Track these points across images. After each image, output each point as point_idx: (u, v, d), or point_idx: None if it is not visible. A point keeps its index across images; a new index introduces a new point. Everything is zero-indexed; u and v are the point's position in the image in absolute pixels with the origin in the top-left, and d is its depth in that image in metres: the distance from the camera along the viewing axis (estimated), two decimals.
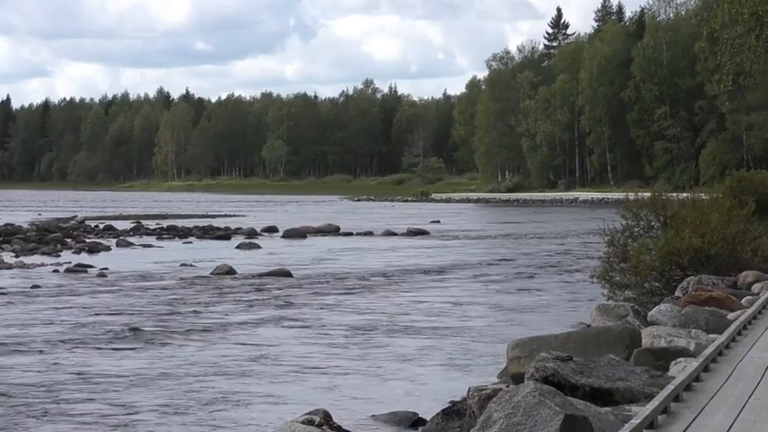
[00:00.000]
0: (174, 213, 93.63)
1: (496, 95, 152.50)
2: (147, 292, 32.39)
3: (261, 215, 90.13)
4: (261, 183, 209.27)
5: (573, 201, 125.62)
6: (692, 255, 23.04)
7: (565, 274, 38.67)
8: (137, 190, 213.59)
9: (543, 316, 27.09)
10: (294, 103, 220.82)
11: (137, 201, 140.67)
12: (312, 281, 36.15)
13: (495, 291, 33.65)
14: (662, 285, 23.31)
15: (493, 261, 44.84)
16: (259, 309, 28.63)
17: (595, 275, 24.27)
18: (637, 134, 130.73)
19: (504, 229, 70.38)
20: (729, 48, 30.91)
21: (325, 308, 28.89)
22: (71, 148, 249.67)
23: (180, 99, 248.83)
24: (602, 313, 17.87)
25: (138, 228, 68.20)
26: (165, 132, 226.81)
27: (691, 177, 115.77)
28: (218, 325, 25.43)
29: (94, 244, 52.75)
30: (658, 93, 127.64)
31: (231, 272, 38.35)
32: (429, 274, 38.82)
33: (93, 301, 30.33)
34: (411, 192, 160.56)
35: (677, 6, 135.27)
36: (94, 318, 26.61)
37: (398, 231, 65.37)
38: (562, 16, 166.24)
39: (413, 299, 31.21)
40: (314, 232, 65.02)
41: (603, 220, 25.94)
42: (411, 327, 25.34)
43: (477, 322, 26.11)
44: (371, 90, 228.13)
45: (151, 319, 26.26)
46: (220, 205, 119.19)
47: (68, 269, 39.93)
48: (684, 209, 25.00)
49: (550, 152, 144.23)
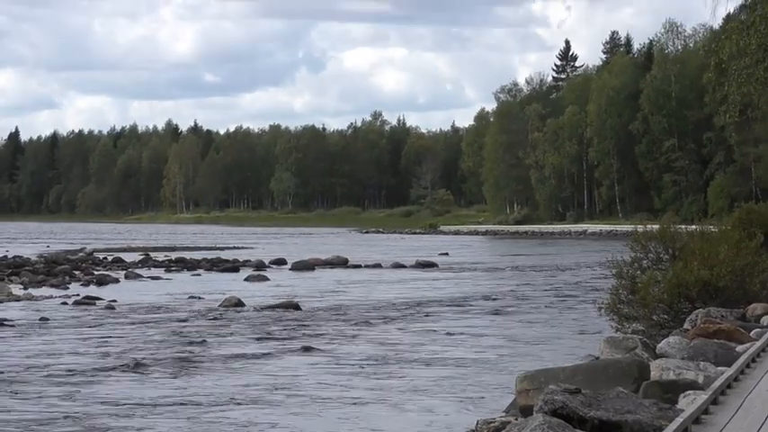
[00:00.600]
0: (182, 245, 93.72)
1: (505, 127, 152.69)
2: (156, 324, 32.43)
3: (269, 247, 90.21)
4: (269, 215, 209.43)
5: (581, 233, 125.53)
6: (700, 287, 23.04)
7: (573, 307, 38.64)
8: (145, 222, 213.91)
9: (552, 348, 27.09)
10: (302, 135, 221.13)
11: (145, 233, 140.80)
12: (321, 313, 36.17)
13: (504, 323, 33.65)
14: (670, 318, 23.30)
15: (501, 293, 44.82)
16: (268, 341, 28.66)
17: (604, 308, 24.26)
18: (645, 166, 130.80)
19: (513, 262, 70.34)
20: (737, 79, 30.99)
21: (334, 340, 28.90)
22: (79, 180, 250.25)
23: (188, 131, 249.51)
24: (610, 345, 17.87)
25: (147, 260, 68.27)
26: (174, 164, 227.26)
27: (699, 209, 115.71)
28: (228, 356, 25.47)
29: (103, 276, 52.84)
30: (667, 125, 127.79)
31: (240, 304, 38.37)
32: (438, 307, 38.82)
33: (102, 333, 30.38)
34: (419, 224, 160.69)
35: (685, 38, 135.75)
36: (103, 349, 26.66)
37: (407, 264, 65.33)
38: (570, 48, 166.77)
39: (422, 331, 31.22)
40: (322, 264, 65.02)
41: (612, 252, 25.97)
42: (421, 358, 25.37)
43: (486, 354, 26.13)
44: (380, 122, 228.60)
45: (161, 351, 26.30)
46: (229, 237, 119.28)
47: (77, 301, 39.98)
48: (693, 241, 25.01)
49: (559, 184, 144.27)
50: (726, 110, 36.51)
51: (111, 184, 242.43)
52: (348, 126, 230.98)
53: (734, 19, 32.36)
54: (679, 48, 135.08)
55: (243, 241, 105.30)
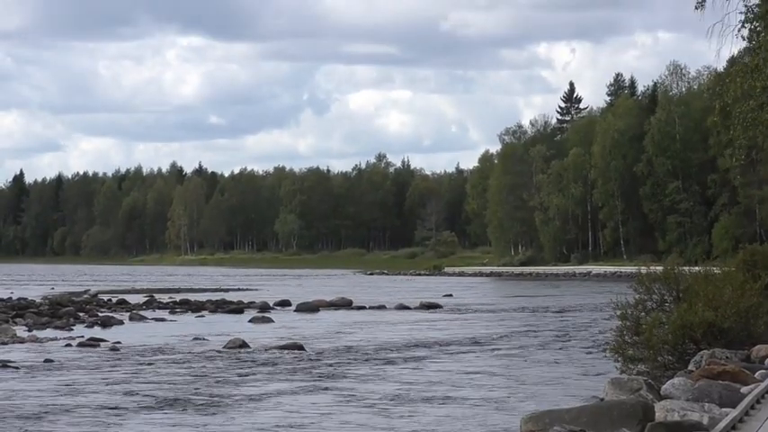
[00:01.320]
0: (186, 287, 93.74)
1: (509, 169, 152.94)
2: (161, 366, 32.43)
3: (273, 289, 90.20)
4: (273, 257, 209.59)
5: (586, 274, 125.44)
6: (705, 328, 23.08)
7: (578, 348, 38.62)
8: (149, 264, 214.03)
9: (556, 389, 27.07)
10: (307, 177, 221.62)
11: (149, 274, 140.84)
12: (326, 354, 36.16)
13: (509, 363, 33.64)
14: (675, 359, 23.33)
15: (506, 334, 44.80)
16: (273, 382, 28.66)
17: (608, 349, 24.30)
18: (650, 208, 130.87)
19: (518, 303, 70.28)
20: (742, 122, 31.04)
21: (339, 381, 28.91)
22: (84, 222, 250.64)
23: (193, 173, 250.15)
24: (615, 387, 17.90)
25: (151, 301, 68.25)
26: (178, 206, 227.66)
27: (703, 251, 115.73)
28: (233, 398, 25.47)
29: (107, 318, 52.85)
30: (671, 167, 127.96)
31: (244, 345, 38.36)
32: (442, 347, 38.80)
33: (106, 374, 30.38)
34: (424, 265, 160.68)
35: (689, 81, 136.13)
36: (108, 391, 26.66)
37: (411, 305, 65.30)
38: (575, 90, 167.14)
39: (427, 371, 31.20)
40: (327, 306, 65.04)
41: (616, 293, 26.00)
42: (425, 398, 25.37)
43: (491, 394, 26.12)
44: (384, 164, 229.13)
45: (166, 393, 26.30)
46: (233, 279, 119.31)
47: (81, 343, 40.00)
48: (697, 283, 25.05)
49: (563, 226, 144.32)
50: (732, 153, 36.53)
51: (116, 226, 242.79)
52: (353, 168, 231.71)
53: (738, 61, 32.45)
54: (683, 90, 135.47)
55: (247, 283, 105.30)
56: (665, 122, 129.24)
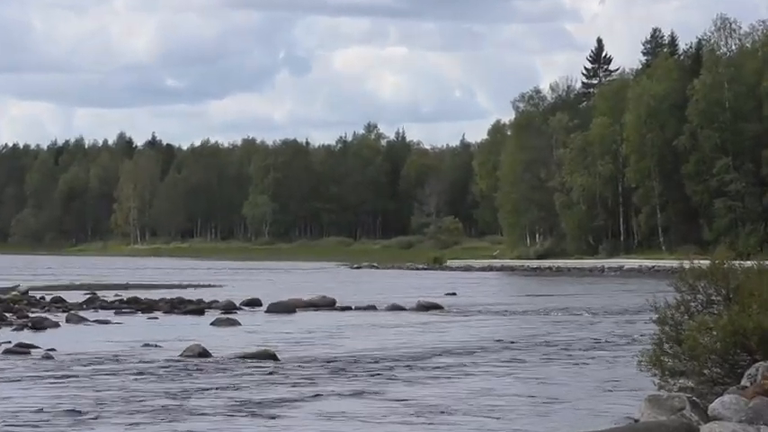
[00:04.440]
0: (136, 283, 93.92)
1: (525, 143, 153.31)
2: (103, 379, 32.34)
3: (241, 285, 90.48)
4: (241, 246, 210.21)
5: (617, 269, 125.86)
6: (760, 335, 23.02)
7: (607, 358, 38.64)
8: (92, 254, 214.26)
9: (582, 408, 27.04)
10: (282, 150, 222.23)
11: (92, 267, 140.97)
12: (301, 364, 36.14)
13: (525, 377, 33.61)
14: (725, 372, 23.28)
15: (521, 341, 44.82)
16: (237, 397, 28.59)
17: (644, 360, 24.23)
18: (693, 190, 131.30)
19: (534, 304, 70.45)
20: None
21: (317, 395, 28.86)
22: (14, 203, 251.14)
23: (145, 146, 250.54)
24: (652, 405, 17.87)
25: (93, 300, 68.31)
26: (127, 185, 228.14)
27: (759, 241, 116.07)
28: (190, 416, 25.40)
29: (40, 319, 52.77)
30: (719, 140, 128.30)
31: (204, 354, 38.32)
32: (443, 357, 38.79)
33: (36, 389, 30.28)
34: (421, 258, 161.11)
35: (740, 37, 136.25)
36: (37, 408, 26.55)
37: (407, 306, 65.49)
38: (603, 48, 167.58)
39: (424, 387, 31.12)
40: (305, 306, 65.18)
41: (653, 293, 25.92)
42: (423, 421, 25.27)
43: (505, 414, 26.07)
44: (375, 136, 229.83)
45: (109, 410, 26.22)
46: (192, 273, 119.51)
47: (7, 350, 39.88)
48: (751, 280, 24.96)
49: (589, 211, 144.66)
50: None
51: (52, 209, 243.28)
52: (337, 140, 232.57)
53: None
54: (733, 48, 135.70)
55: (209, 278, 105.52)
56: (712, 87, 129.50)
